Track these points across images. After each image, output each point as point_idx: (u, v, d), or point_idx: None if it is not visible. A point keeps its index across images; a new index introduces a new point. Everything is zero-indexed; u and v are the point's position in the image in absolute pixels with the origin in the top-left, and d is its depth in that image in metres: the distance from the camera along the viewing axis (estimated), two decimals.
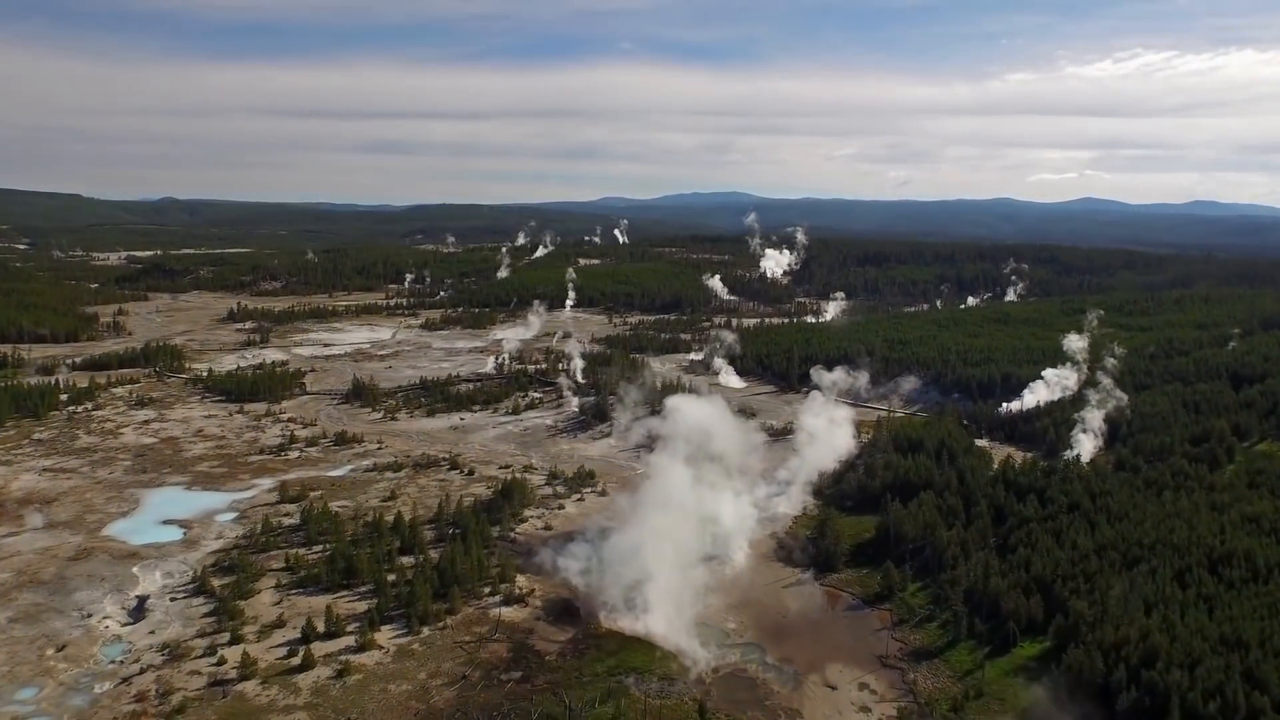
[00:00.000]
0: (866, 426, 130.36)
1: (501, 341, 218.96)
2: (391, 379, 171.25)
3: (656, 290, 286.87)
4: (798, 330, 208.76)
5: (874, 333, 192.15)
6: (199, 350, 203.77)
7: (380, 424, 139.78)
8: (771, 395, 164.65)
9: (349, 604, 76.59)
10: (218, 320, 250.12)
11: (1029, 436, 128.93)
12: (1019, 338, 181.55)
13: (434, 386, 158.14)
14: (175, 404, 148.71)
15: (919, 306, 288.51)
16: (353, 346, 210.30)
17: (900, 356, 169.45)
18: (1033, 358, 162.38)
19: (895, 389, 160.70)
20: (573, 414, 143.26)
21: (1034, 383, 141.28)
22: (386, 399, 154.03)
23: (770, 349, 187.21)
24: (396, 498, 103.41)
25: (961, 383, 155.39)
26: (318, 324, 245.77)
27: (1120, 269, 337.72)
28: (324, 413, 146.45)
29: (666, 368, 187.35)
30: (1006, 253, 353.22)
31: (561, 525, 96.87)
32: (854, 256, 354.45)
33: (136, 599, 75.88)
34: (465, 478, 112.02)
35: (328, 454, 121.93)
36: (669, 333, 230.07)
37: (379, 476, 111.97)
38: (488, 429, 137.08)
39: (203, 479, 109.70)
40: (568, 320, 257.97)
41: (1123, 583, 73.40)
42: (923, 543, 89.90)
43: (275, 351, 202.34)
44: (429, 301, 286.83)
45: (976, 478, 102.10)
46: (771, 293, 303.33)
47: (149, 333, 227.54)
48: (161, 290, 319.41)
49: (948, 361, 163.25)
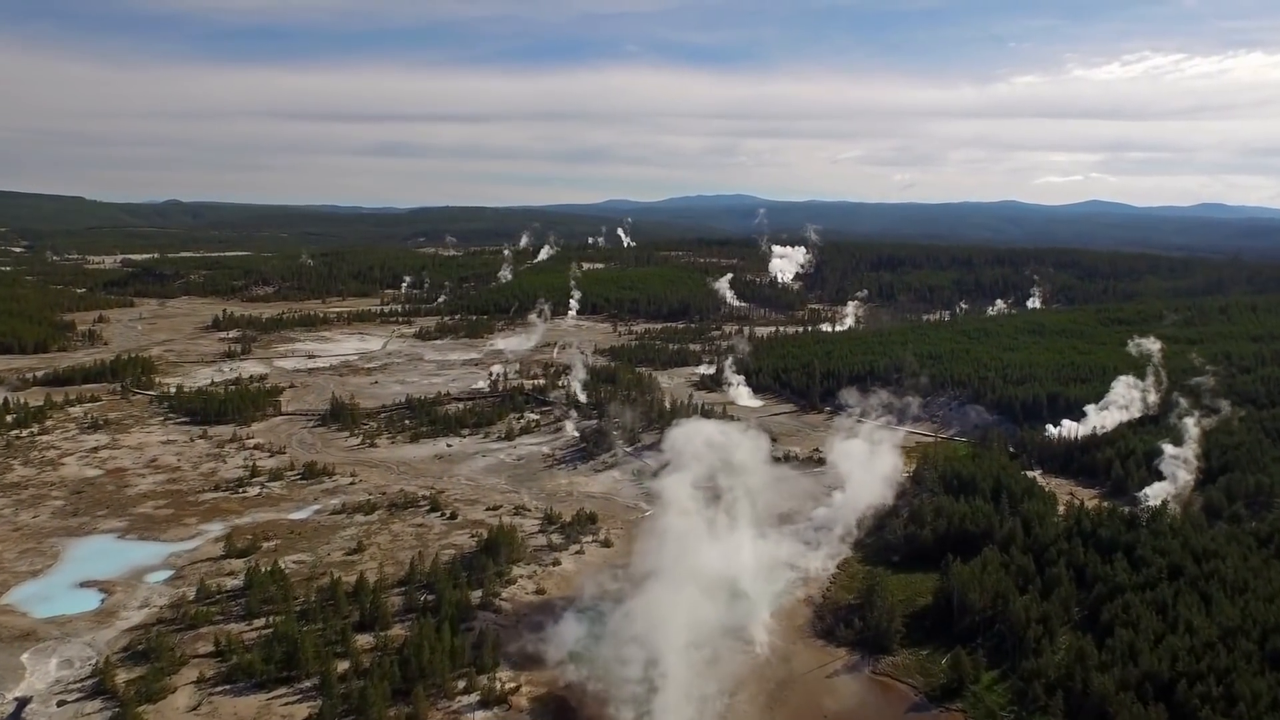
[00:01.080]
0: (904, 456, 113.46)
1: (498, 353, 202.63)
2: (376, 396, 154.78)
3: (663, 296, 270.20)
4: (816, 341, 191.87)
5: (900, 345, 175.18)
6: (175, 362, 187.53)
7: (357, 451, 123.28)
8: (791, 416, 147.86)
9: (286, 706, 60.11)
10: (201, 328, 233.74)
11: (1088, 469, 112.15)
12: (1059, 352, 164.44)
13: (420, 407, 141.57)
14: (133, 427, 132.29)
15: (938, 313, 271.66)
16: (339, 358, 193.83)
17: (933, 373, 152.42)
18: (1078, 374, 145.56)
19: (929, 410, 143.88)
20: (572, 439, 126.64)
21: (1092, 406, 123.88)
22: (367, 421, 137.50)
23: (788, 363, 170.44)
24: (363, 550, 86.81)
25: (1003, 403, 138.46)
26: (306, 332, 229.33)
27: (1144, 274, 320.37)
28: (296, 438, 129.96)
29: (675, 383, 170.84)
30: (1025, 257, 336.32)
31: (556, 588, 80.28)
32: (867, 260, 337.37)
33: (15, 703, 59.30)
34: (447, 522, 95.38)
35: (292, 490, 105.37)
36: (677, 342, 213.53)
37: (347, 520, 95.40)
38: (477, 458, 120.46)
39: (141, 524, 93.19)
40: (570, 328, 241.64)
41: (1271, 687, 56.66)
42: (993, 614, 73.17)
43: (255, 364, 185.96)
44: (425, 308, 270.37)
45: (1045, 528, 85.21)
46: (783, 299, 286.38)
47: (127, 342, 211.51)
48: (150, 295, 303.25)
49: (986, 379, 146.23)
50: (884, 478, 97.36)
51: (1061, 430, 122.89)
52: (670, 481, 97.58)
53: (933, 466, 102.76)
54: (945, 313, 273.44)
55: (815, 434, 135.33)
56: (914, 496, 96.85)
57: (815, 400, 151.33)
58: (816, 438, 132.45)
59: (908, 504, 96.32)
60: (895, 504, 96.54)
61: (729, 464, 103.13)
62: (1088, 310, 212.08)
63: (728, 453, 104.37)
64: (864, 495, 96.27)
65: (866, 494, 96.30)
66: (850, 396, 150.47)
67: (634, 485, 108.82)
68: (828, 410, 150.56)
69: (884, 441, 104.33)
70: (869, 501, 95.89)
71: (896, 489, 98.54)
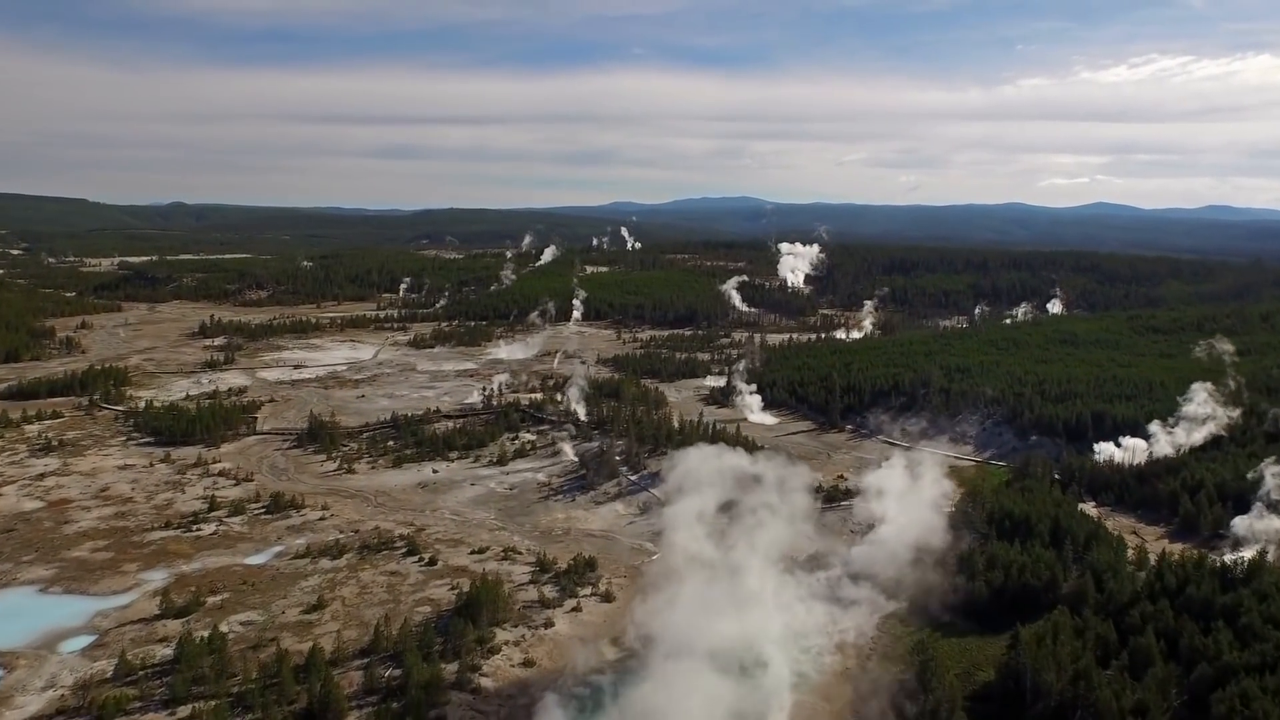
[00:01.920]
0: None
1: (497, 363, 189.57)
2: (361, 413, 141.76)
3: (669, 301, 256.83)
4: (833, 351, 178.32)
5: (924, 356, 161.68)
6: (153, 373, 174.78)
7: (332, 478, 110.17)
8: (810, 435, 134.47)
9: None
10: (187, 335, 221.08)
11: (1148, 502, 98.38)
12: (1096, 364, 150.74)
13: (406, 425, 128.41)
14: (90, 449, 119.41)
15: (954, 319, 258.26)
16: (327, 369, 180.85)
17: (962, 388, 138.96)
18: (1123, 391, 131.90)
19: (961, 430, 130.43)
20: (571, 464, 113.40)
21: (1156, 423, 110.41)
22: (347, 442, 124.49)
23: (804, 375, 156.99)
24: (324, 606, 73.69)
25: (1043, 423, 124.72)
26: (296, 340, 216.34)
27: (1165, 278, 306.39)
28: (268, 461, 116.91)
29: (683, 396, 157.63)
30: (1042, 260, 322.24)
31: (548, 658, 67.02)
32: (879, 264, 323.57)
33: None
34: (424, 569, 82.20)
35: (253, 527, 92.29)
36: (684, 351, 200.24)
37: (310, 566, 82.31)
38: (464, 486, 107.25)
39: (72, 573, 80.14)
40: (572, 335, 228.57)
41: None
42: (1073, 697, 59.83)
43: (237, 375, 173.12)
44: (422, 314, 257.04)
45: (1121, 583, 71.78)
46: (794, 303, 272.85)
47: (106, 350, 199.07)
48: (140, 300, 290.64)
49: (1021, 395, 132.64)
50: (928, 516, 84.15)
51: (1116, 453, 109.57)
52: (678, 521, 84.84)
53: (979, 502, 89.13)
54: (961, 318, 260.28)
55: (838, 456, 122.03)
56: (960, 539, 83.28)
57: (835, 418, 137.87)
58: (840, 461, 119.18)
59: (954, 548, 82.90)
60: (940, 548, 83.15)
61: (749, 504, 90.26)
62: (1117, 318, 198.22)
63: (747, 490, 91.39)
64: (905, 536, 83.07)
65: (908, 535, 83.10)
66: (874, 414, 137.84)
67: (639, 521, 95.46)
68: (849, 429, 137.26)
69: (925, 470, 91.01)
70: (911, 544, 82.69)
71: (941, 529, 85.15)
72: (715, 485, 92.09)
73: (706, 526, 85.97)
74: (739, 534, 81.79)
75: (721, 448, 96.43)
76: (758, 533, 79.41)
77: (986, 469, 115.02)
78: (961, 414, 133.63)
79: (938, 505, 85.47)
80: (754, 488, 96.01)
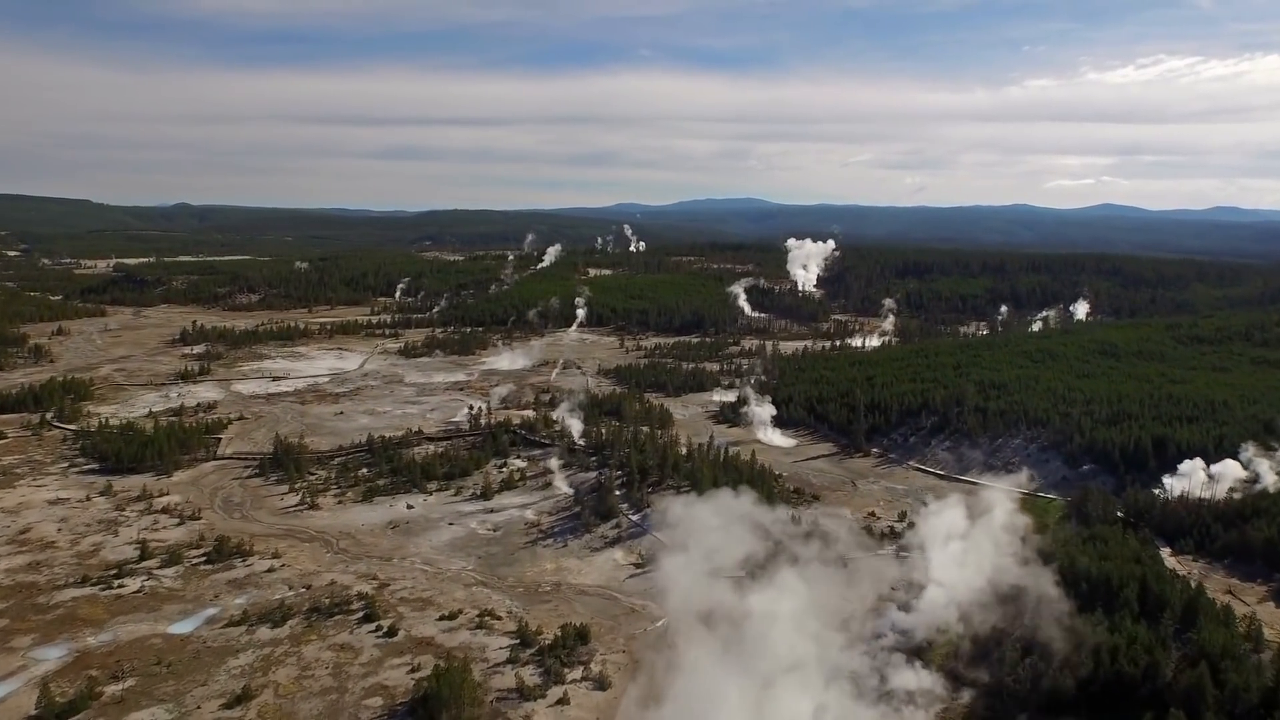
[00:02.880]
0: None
1: (491, 373, 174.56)
2: (337, 433, 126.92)
3: (674, 306, 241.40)
4: (852, 363, 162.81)
5: (952, 369, 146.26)
6: (121, 385, 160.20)
7: (292, 515, 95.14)
8: (832, 460, 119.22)
9: None
10: (167, 342, 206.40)
11: (1237, 550, 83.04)
12: (1145, 380, 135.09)
13: (382, 450, 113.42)
14: (24, 478, 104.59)
15: (973, 325, 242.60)
16: (309, 381, 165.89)
17: (1000, 407, 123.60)
18: (1182, 411, 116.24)
19: (1001, 456, 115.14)
20: (565, 500, 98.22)
21: (1252, 448, 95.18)
22: (316, 469, 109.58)
23: (822, 390, 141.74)
24: (251, 698, 58.64)
25: (1096, 449, 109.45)
26: (281, 347, 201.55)
27: (1191, 281, 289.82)
28: (223, 493, 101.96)
29: (690, 413, 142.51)
30: (1061, 263, 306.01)
31: None
32: (892, 266, 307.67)
33: None
34: (382, 641, 67.10)
35: (189, 581, 77.32)
36: (691, 360, 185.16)
37: (245, 637, 67.26)
38: (441, 527, 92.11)
39: None
40: (573, 343, 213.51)
41: None
42: None
43: (210, 387, 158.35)
44: (416, 319, 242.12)
45: (1243, 674, 56.51)
46: (805, 308, 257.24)
47: (77, 359, 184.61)
48: (127, 303, 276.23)
49: (1068, 417, 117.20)
50: (995, 573, 68.76)
51: (1190, 485, 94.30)
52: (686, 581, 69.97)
53: (1048, 556, 73.53)
54: (981, 324, 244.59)
55: (866, 487, 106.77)
56: (1033, 615, 67.64)
57: (860, 440, 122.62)
58: (869, 494, 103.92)
59: (1021, 616, 67.48)
60: (1013, 616, 67.71)
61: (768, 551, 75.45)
62: (1155, 326, 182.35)
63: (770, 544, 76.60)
64: (966, 599, 67.83)
65: (969, 597, 67.84)
66: (902, 435, 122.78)
67: (640, 575, 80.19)
68: (875, 452, 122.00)
69: (985, 510, 75.63)
70: (969, 607, 67.47)
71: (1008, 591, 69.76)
72: (730, 534, 77.31)
73: (720, 587, 71.10)
74: (760, 597, 66.83)
75: (738, 494, 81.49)
76: (783, 598, 64.52)
77: (1035, 503, 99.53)
78: (1001, 437, 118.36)
79: (1007, 559, 70.05)
80: (778, 537, 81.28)
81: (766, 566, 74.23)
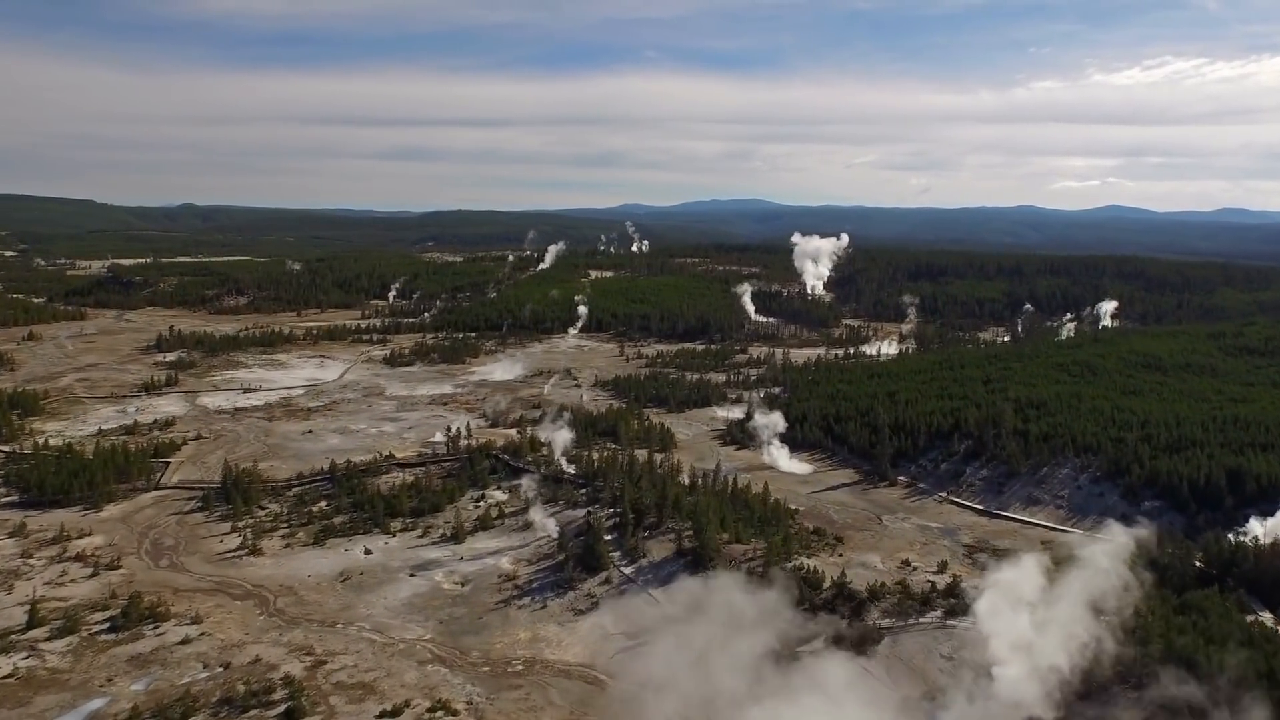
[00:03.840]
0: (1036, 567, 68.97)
1: (480, 385, 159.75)
2: (301, 455, 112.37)
3: (678, 311, 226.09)
4: (870, 375, 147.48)
5: (981, 383, 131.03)
6: (80, 397, 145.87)
7: (229, 563, 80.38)
8: (854, 491, 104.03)
9: None
10: (142, 348, 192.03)
11: None
12: (1202, 398, 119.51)
13: (345, 480, 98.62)
14: None
15: (993, 331, 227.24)
16: (282, 393, 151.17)
17: (1043, 430, 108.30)
18: (1254, 438, 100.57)
19: (1047, 488, 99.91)
20: (547, 543, 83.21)
21: None
22: (267, 501, 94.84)
23: (840, 408, 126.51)
24: None
25: (1158, 482, 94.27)
26: (260, 355, 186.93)
27: (1219, 284, 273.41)
28: (155, 533, 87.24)
29: (695, 433, 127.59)
30: (1081, 265, 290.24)
31: None
32: (904, 269, 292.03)
33: None
34: None
35: (80, 658, 62.59)
36: (695, 370, 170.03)
37: None
38: (400, 579, 77.24)
39: None
40: (570, 350, 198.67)
41: None
42: None
43: (174, 401, 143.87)
44: (407, 324, 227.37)
45: None
46: (814, 313, 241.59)
47: (40, 368, 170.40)
48: (112, 305, 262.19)
49: (1123, 443, 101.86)
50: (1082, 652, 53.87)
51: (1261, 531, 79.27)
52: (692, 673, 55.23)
53: (1143, 641, 58.27)
54: (1000, 329, 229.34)
55: (895, 525, 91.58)
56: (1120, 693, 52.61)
57: (885, 468, 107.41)
58: (898, 533, 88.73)
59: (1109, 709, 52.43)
60: None
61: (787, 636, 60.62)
62: (1196, 334, 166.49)
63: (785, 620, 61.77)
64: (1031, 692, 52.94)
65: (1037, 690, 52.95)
66: (931, 461, 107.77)
67: (632, 649, 65.14)
68: (902, 481, 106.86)
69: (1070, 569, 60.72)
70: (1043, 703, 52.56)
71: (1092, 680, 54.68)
72: (741, 615, 62.57)
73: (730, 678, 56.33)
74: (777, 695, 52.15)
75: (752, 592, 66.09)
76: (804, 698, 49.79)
77: (1095, 545, 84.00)
78: (1046, 466, 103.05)
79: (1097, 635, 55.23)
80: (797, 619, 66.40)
81: (790, 658, 59.67)
